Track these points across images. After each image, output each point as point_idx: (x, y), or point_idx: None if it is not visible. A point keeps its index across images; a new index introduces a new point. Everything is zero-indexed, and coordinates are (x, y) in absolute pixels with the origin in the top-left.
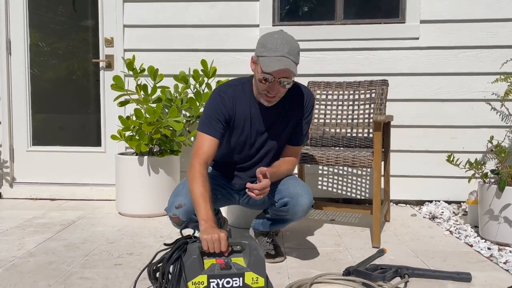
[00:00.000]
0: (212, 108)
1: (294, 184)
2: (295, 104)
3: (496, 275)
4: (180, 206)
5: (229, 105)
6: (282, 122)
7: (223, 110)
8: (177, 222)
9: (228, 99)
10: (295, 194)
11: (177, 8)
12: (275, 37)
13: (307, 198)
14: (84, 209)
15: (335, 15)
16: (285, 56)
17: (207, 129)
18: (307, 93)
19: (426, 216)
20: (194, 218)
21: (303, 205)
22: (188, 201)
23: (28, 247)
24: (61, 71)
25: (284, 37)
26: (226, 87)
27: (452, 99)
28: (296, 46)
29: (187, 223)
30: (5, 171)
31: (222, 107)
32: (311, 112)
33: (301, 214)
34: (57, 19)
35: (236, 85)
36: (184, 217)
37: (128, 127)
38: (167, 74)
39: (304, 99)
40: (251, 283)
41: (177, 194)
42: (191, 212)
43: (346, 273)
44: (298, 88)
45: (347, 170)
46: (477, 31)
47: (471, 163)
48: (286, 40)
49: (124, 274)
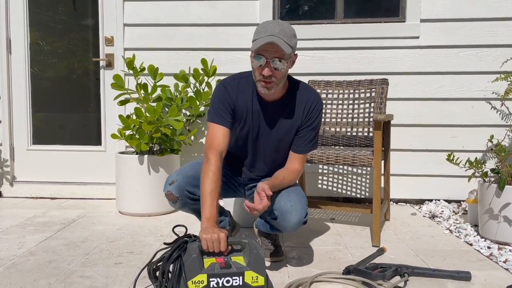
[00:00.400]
0: (219, 99)
1: (286, 199)
2: (299, 105)
3: (495, 274)
4: (173, 182)
5: (233, 96)
6: (285, 121)
7: (228, 100)
8: (171, 198)
9: (232, 91)
10: (285, 211)
11: (177, 7)
12: (267, 22)
13: (296, 215)
14: (84, 208)
15: (335, 14)
16: (274, 35)
17: (217, 119)
18: (315, 97)
19: (426, 215)
20: (188, 195)
21: (291, 222)
22: (181, 177)
23: (28, 246)
24: (61, 70)
25: (277, 21)
26: (231, 79)
27: (452, 98)
28: (289, 29)
29: (182, 202)
30: (5, 170)
31: (227, 96)
32: (317, 118)
33: (290, 230)
34: (57, 18)
35: (240, 78)
36: (177, 192)
37: (128, 126)
38: (167, 73)
39: (310, 102)
40: (251, 282)
41: (171, 174)
42: (183, 187)
43: (346, 272)
44: (306, 89)
45: (347, 169)
46: (478, 30)
47: (471, 162)
48: (278, 23)
49: (124, 273)
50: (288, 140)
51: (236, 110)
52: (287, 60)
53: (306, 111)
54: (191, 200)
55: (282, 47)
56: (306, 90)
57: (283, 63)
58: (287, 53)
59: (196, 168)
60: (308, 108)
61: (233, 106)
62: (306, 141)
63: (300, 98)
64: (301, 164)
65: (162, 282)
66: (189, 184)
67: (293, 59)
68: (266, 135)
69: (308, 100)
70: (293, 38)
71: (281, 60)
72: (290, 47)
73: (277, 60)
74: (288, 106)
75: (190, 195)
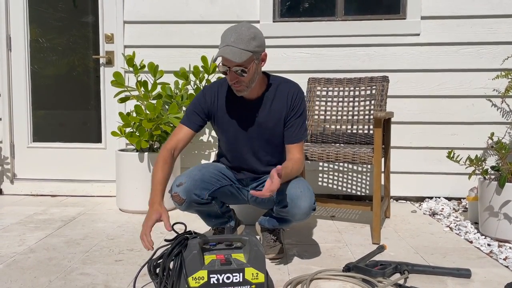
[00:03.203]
0: (193, 104)
1: (295, 186)
2: (281, 98)
3: (496, 271)
4: (180, 184)
5: (210, 101)
6: (270, 114)
7: (202, 105)
8: (177, 200)
9: (210, 96)
10: (295, 197)
11: (177, 4)
12: (227, 31)
13: (306, 201)
14: (84, 205)
15: (335, 11)
16: (229, 44)
17: (183, 120)
18: (295, 88)
19: (426, 212)
20: (194, 199)
21: (302, 208)
22: (189, 180)
23: (28, 243)
24: (61, 67)
25: (237, 26)
26: (211, 85)
27: (452, 96)
28: (247, 34)
29: (188, 204)
30: (5, 168)
31: (202, 102)
32: (301, 106)
33: (300, 217)
34: (57, 15)
35: (221, 83)
36: (184, 195)
37: (129, 124)
38: (167, 70)
39: (291, 93)
40: (251, 278)
41: (179, 176)
42: (191, 190)
43: (346, 269)
44: (286, 82)
45: (347, 167)
46: (478, 27)
47: (471, 160)
48: (236, 29)
49: (125, 270)
50: (277, 132)
51: (216, 114)
52: (248, 65)
53: (289, 101)
54: (196, 203)
55: (233, 58)
56: (285, 83)
57: (245, 69)
58: (245, 59)
59: (203, 171)
60: (291, 98)
61: (207, 111)
62: (297, 129)
63: (281, 90)
64: (300, 152)
65: (163, 278)
66: (196, 187)
67: (262, 58)
68: (256, 131)
69: (289, 91)
70: (253, 40)
71: (241, 67)
72: (249, 51)
73: (237, 68)
74: (270, 100)
75: (196, 198)
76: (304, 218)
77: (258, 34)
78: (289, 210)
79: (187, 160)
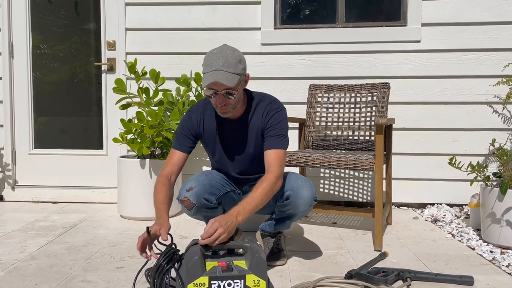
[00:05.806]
0: (181, 126)
1: (295, 178)
2: (256, 117)
3: (498, 278)
4: (190, 188)
5: (196, 123)
6: (250, 135)
7: (189, 127)
8: (187, 205)
9: (195, 118)
10: (296, 187)
11: (179, 11)
12: (213, 53)
13: (308, 190)
14: (86, 212)
15: (336, 18)
16: (218, 69)
17: (175, 145)
18: (269, 104)
19: (428, 219)
20: (204, 203)
21: (305, 198)
22: (198, 184)
23: (30, 250)
24: (63, 74)
25: (221, 50)
26: (196, 107)
27: (453, 102)
28: (233, 57)
29: (197, 209)
30: (7, 174)
31: (189, 124)
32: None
33: (304, 207)
34: (59, 22)
35: (205, 104)
36: (194, 199)
37: (130, 130)
38: (169, 77)
39: (265, 111)
40: (252, 285)
41: (188, 181)
42: (201, 195)
43: (348, 276)
44: (262, 101)
45: (349, 173)
46: (479, 34)
47: (473, 166)
48: (222, 53)
49: (126, 277)
50: (259, 149)
51: (203, 135)
52: (236, 88)
53: (264, 118)
54: (205, 208)
55: (226, 82)
56: (262, 101)
57: (233, 92)
58: (235, 83)
59: (210, 176)
60: (266, 115)
61: (195, 133)
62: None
63: (259, 109)
64: (276, 163)
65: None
66: (206, 192)
67: (245, 79)
68: (240, 151)
69: (265, 109)
70: (239, 64)
71: (229, 91)
72: (237, 75)
73: (225, 92)
74: (249, 119)
75: (206, 203)
76: (307, 209)
77: (242, 56)
78: (292, 201)
79: (188, 166)
